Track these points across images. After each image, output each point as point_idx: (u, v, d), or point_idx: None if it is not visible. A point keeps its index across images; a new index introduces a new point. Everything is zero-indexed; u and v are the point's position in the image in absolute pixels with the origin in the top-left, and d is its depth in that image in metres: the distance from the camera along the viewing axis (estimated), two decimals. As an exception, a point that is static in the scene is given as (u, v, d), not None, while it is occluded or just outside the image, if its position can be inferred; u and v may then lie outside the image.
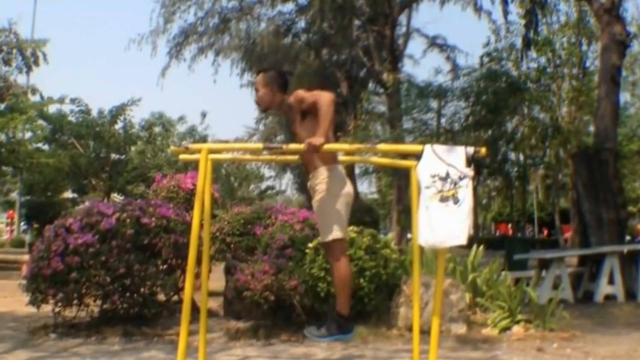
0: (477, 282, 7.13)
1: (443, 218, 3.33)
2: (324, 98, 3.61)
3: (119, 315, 6.15)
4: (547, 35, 21.41)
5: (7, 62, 13.94)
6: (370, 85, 24.51)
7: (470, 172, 3.41)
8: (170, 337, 5.72)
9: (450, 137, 15.83)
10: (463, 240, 3.34)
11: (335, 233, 3.66)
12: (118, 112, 15.96)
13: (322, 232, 3.77)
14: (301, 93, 3.78)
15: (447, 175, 3.39)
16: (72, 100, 15.14)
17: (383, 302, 6.22)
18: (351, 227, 6.28)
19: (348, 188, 3.83)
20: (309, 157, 3.77)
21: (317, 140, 3.48)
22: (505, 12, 16.76)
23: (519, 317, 6.30)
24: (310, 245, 6.16)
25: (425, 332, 4.06)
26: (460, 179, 3.38)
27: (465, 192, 3.37)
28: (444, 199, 3.35)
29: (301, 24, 23.76)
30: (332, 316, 3.78)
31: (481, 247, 7.93)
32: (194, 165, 6.44)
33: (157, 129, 22.13)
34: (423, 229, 3.40)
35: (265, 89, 3.90)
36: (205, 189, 3.95)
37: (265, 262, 6.04)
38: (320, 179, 3.76)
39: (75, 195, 23.00)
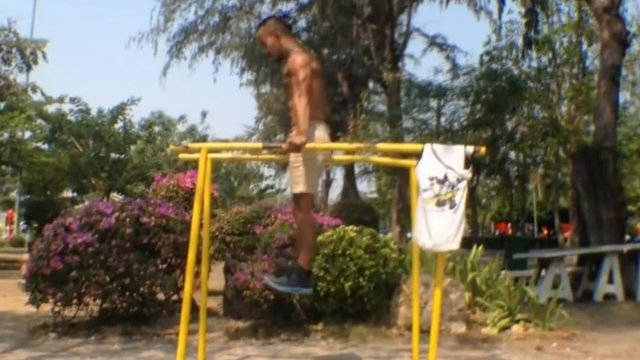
0: (477, 281, 7.13)
1: (439, 222, 3.36)
2: (300, 99, 3.67)
3: (118, 314, 6.15)
4: (547, 34, 21.40)
5: (6, 62, 13.94)
6: (370, 85, 24.55)
7: (468, 173, 3.42)
8: (170, 336, 5.71)
9: (449, 136, 15.84)
10: (456, 246, 3.40)
11: (302, 187, 3.77)
12: (118, 111, 15.95)
13: (291, 184, 3.89)
14: (296, 66, 3.79)
15: (445, 178, 3.40)
16: (72, 100, 15.15)
17: (383, 301, 6.22)
18: (350, 227, 6.28)
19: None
20: (294, 115, 3.80)
21: (298, 139, 3.58)
22: (501, 11, 16.79)
23: (519, 316, 6.30)
24: (309, 244, 6.15)
25: (424, 331, 4.07)
26: (459, 181, 3.39)
27: (462, 194, 3.38)
28: (440, 203, 3.38)
29: (302, 23, 23.77)
30: (294, 268, 3.89)
31: (481, 247, 7.93)
32: (193, 165, 6.42)
33: (156, 129, 22.11)
34: (421, 232, 3.42)
35: (271, 38, 3.97)
36: (204, 188, 3.95)
37: (264, 262, 6.05)
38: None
39: (74, 194, 22.99)
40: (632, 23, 21.61)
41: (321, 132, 3.84)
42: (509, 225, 40.96)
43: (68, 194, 23.72)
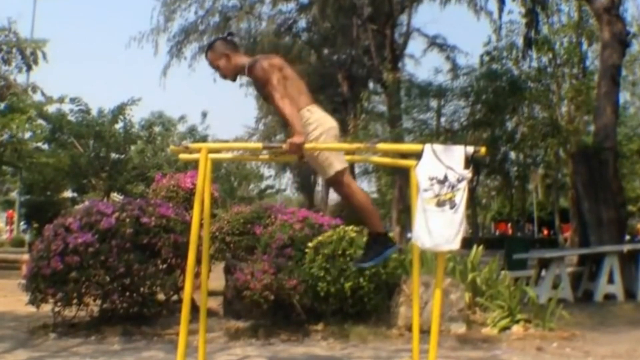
0: (477, 281, 7.13)
1: (439, 222, 3.36)
2: (279, 102, 3.66)
3: (118, 314, 6.15)
4: (547, 35, 21.40)
5: (6, 62, 13.93)
6: (371, 85, 24.55)
7: (468, 174, 3.42)
8: (170, 336, 5.71)
9: (450, 136, 15.84)
10: (456, 246, 3.39)
11: (335, 166, 3.74)
12: (119, 111, 15.95)
13: (322, 172, 3.84)
14: (267, 73, 3.76)
15: (445, 178, 3.40)
16: (72, 100, 15.13)
17: (383, 301, 6.22)
18: (351, 227, 6.29)
19: (329, 123, 3.85)
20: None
21: (297, 139, 3.54)
22: (501, 11, 16.81)
23: (519, 316, 6.29)
24: (310, 244, 6.16)
25: (425, 332, 4.07)
26: (459, 181, 3.39)
27: (463, 195, 3.38)
28: (440, 203, 3.37)
29: (302, 23, 23.81)
30: (372, 239, 3.86)
31: (481, 247, 7.93)
32: (193, 165, 6.42)
33: (157, 129, 22.10)
34: (420, 232, 3.42)
35: (222, 60, 3.93)
36: (204, 188, 3.94)
37: (265, 262, 6.04)
38: None
39: (75, 194, 22.97)
40: (632, 23, 21.61)
41: (317, 112, 3.83)
42: (509, 225, 40.94)
43: (68, 194, 23.70)
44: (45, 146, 16.47)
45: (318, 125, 3.76)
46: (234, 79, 4.03)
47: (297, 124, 3.60)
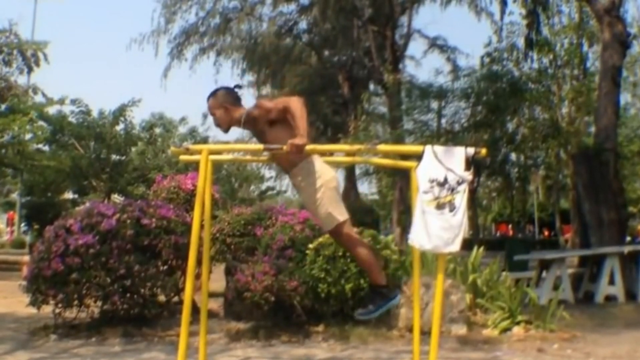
0: (478, 282, 7.13)
1: (439, 225, 3.36)
2: (294, 102, 3.66)
3: (119, 316, 6.15)
4: (546, 36, 21.39)
5: (7, 63, 13.93)
6: (371, 86, 24.55)
7: (469, 176, 3.42)
8: (171, 338, 5.72)
9: (450, 137, 15.81)
10: (455, 248, 3.40)
11: (335, 219, 3.72)
12: (119, 113, 15.96)
13: (323, 224, 3.84)
14: (265, 103, 3.82)
15: (445, 180, 3.40)
16: (73, 101, 15.13)
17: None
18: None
19: (328, 174, 3.83)
20: (283, 155, 3.77)
21: (300, 140, 3.52)
22: (503, 13, 16.77)
23: (520, 317, 6.29)
24: (310, 246, 6.16)
25: (425, 333, 4.06)
26: (459, 183, 3.39)
27: (462, 197, 3.38)
28: (440, 206, 3.38)
29: (302, 24, 23.82)
30: (373, 291, 3.84)
31: (481, 248, 7.93)
32: (194, 166, 6.44)
33: (157, 130, 22.12)
34: (419, 233, 3.42)
35: (220, 110, 3.92)
36: (205, 189, 3.95)
37: (265, 263, 6.04)
38: (300, 176, 3.80)
39: (75, 196, 22.99)
40: (633, 24, 21.57)
41: (319, 162, 3.82)
42: (510, 226, 40.94)
43: (69, 195, 23.72)
44: (46, 148, 16.48)
45: (320, 175, 3.74)
46: (226, 131, 4.03)
47: (303, 126, 3.58)
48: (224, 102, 3.92)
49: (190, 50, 23.23)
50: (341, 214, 3.73)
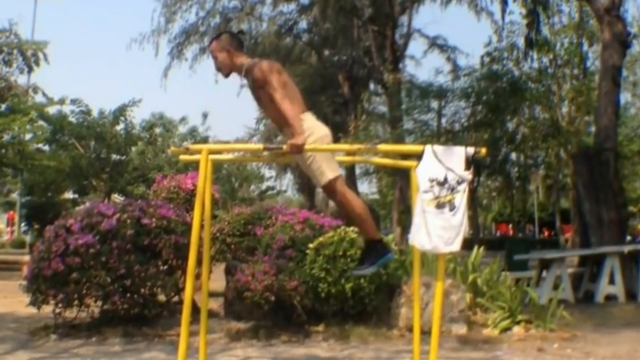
0: (478, 282, 7.12)
1: (438, 225, 3.36)
2: (285, 104, 3.66)
3: (119, 315, 6.15)
4: (546, 36, 21.40)
5: (7, 63, 13.92)
6: (371, 86, 24.55)
7: (468, 175, 3.42)
8: (171, 337, 5.72)
9: (450, 137, 15.83)
10: (456, 248, 3.40)
11: (327, 174, 3.73)
12: (120, 112, 15.96)
13: (316, 179, 3.82)
14: (266, 74, 3.77)
15: (445, 179, 3.40)
16: (73, 101, 15.13)
17: (383, 302, 6.22)
18: (351, 228, 6.29)
19: (322, 131, 3.85)
20: (276, 113, 3.79)
21: (298, 140, 3.55)
22: (504, 12, 16.78)
23: (520, 317, 6.29)
24: (310, 245, 6.16)
25: (425, 333, 4.06)
26: (459, 183, 3.39)
27: (462, 197, 3.38)
28: (440, 205, 3.38)
29: (303, 24, 23.82)
30: (368, 246, 3.86)
31: (482, 248, 7.93)
32: (194, 166, 6.43)
33: (157, 130, 22.13)
34: (419, 233, 3.42)
35: (223, 53, 3.94)
36: (205, 189, 3.95)
37: (265, 263, 6.04)
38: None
39: (75, 195, 23.00)
40: (633, 24, 21.56)
41: (311, 120, 3.84)
42: (510, 226, 40.93)
43: (69, 195, 23.73)
44: (46, 147, 16.48)
45: (311, 133, 3.75)
46: (226, 75, 4.04)
47: (297, 125, 3.60)
48: (227, 45, 3.94)
49: (191, 50, 23.25)
50: (333, 171, 3.75)
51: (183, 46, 22.90)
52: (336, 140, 3.99)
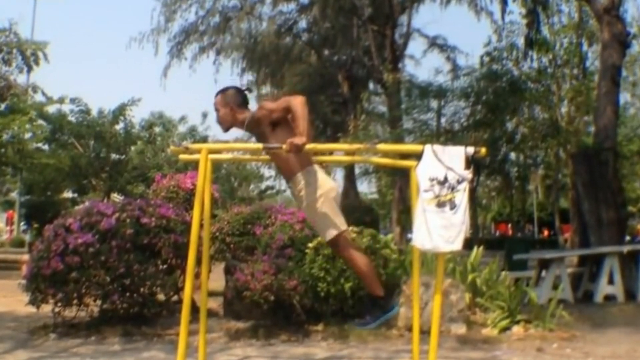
0: (477, 282, 7.13)
1: (439, 224, 3.36)
2: (296, 100, 3.66)
3: (118, 315, 6.15)
4: (546, 36, 21.41)
5: (7, 62, 13.92)
6: (371, 85, 24.55)
7: (469, 174, 3.42)
8: (170, 337, 5.72)
9: (450, 137, 15.82)
10: (458, 247, 3.39)
11: (332, 230, 3.71)
12: (119, 112, 15.96)
13: (321, 233, 3.83)
14: (268, 104, 3.82)
15: (446, 179, 3.40)
16: (72, 100, 15.14)
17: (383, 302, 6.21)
18: (351, 227, 6.28)
19: (329, 184, 3.82)
20: (283, 164, 3.81)
21: (299, 139, 3.51)
22: (504, 12, 16.79)
23: (519, 317, 6.30)
24: (310, 245, 6.16)
25: (425, 332, 4.07)
26: (459, 182, 3.39)
27: (463, 195, 3.38)
28: (440, 204, 3.38)
29: (302, 23, 23.81)
30: (372, 301, 3.84)
31: (481, 247, 7.93)
32: (193, 165, 6.43)
33: (157, 129, 22.11)
34: (420, 233, 3.42)
35: (225, 109, 3.92)
36: (205, 188, 3.95)
37: (265, 262, 6.05)
38: (300, 186, 3.78)
39: (75, 195, 22.98)
40: (633, 24, 21.57)
41: (320, 172, 3.81)
42: (510, 226, 40.93)
43: (68, 194, 23.70)
44: (46, 146, 16.47)
45: (319, 185, 3.73)
46: (226, 130, 4.03)
47: (303, 125, 3.57)
48: (231, 101, 3.92)
49: (190, 49, 23.23)
50: (339, 225, 3.73)
51: (183, 45, 22.88)
52: (335, 139, 3.99)
